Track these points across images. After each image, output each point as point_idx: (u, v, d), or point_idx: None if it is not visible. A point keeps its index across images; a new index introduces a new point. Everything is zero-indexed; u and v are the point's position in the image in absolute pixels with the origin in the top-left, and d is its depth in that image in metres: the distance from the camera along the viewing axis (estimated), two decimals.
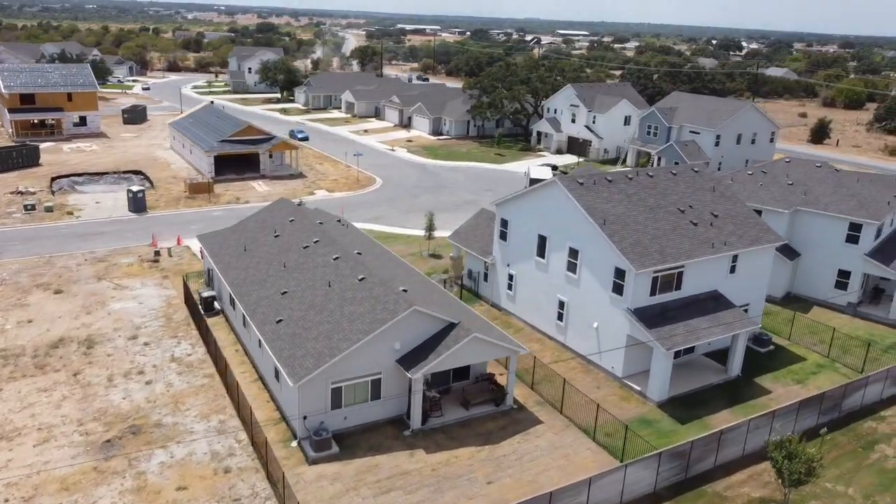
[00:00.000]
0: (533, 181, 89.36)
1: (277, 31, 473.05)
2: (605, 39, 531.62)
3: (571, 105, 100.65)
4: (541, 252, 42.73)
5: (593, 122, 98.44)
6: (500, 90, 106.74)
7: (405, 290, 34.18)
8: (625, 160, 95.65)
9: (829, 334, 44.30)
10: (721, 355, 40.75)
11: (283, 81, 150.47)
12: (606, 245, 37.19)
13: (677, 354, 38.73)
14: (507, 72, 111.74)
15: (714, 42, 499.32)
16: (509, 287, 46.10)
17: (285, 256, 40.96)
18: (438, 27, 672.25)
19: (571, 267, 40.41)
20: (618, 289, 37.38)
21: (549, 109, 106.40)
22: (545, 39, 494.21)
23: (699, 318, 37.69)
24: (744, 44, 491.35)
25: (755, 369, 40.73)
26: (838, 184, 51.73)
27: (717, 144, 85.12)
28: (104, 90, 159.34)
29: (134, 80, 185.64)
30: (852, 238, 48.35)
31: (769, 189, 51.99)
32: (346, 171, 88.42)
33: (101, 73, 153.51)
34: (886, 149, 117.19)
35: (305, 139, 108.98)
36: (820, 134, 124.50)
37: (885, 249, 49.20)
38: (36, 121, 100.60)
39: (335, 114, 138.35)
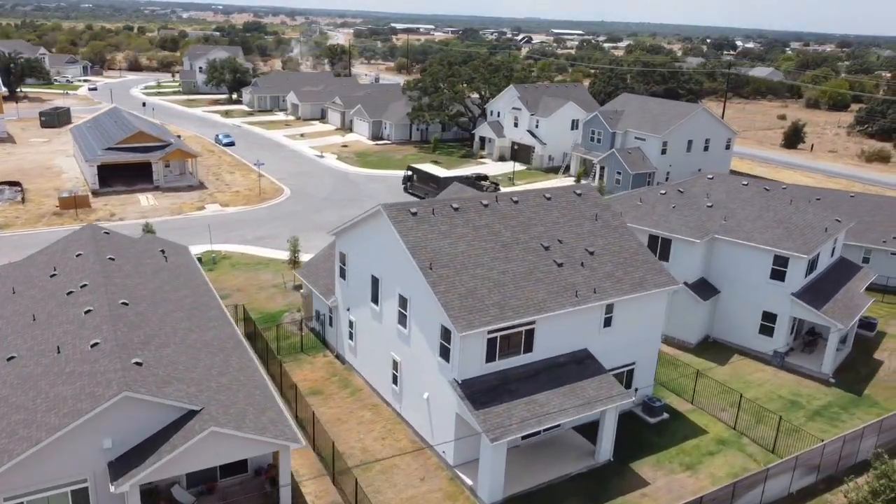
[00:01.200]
0: (407, 178, 76.57)
1: (264, 31, 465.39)
2: (599, 39, 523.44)
3: (514, 108, 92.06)
4: (374, 297, 34.21)
5: (536, 127, 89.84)
6: (442, 91, 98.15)
7: (139, 363, 25.67)
8: (567, 169, 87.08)
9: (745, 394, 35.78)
10: (594, 429, 32.15)
11: (230, 81, 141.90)
12: (431, 296, 28.65)
13: (528, 436, 30.23)
14: (449, 71, 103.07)
15: (709, 41, 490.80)
16: (350, 336, 37.57)
17: (43, 305, 32.44)
18: (433, 26, 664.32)
19: (402, 319, 31.89)
20: (445, 353, 28.85)
21: (492, 112, 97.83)
22: (538, 39, 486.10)
23: (551, 392, 29.12)
24: (739, 43, 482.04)
25: (636, 448, 32.15)
26: (766, 207, 43.12)
27: (663, 152, 76.47)
28: (44, 90, 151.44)
29: (85, 80, 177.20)
30: (778, 274, 39.76)
31: (683, 213, 43.35)
32: (257, 182, 79.93)
33: (37, 74, 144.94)
34: (863, 154, 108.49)
35: (231, 144, 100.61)
36: (793, 138, 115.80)
37: (818, 288, 40.63)
38: None
39: (280, 116, 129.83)
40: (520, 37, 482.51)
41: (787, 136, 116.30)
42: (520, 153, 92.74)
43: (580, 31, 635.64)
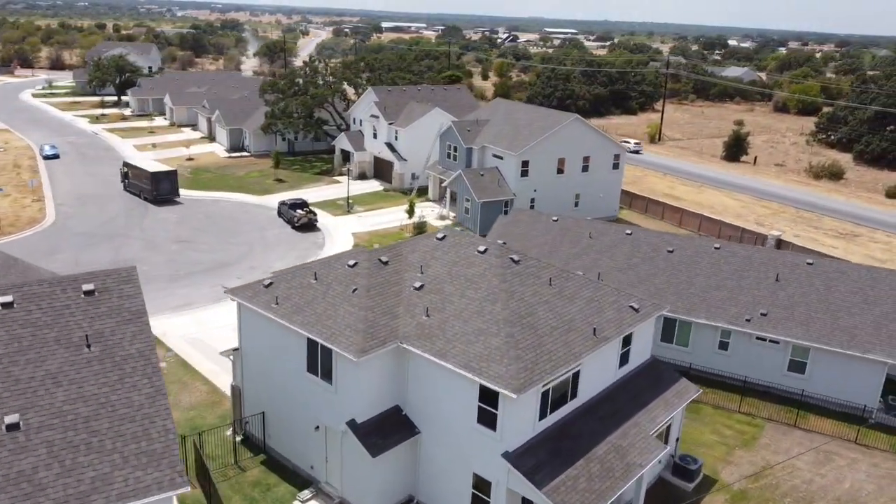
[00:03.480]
0: (124, 176, 70.39)
1: (238, 28, 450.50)
2: (590, 37, 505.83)
3: (372, 115, 75.77)
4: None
5: (395, 139, 73.54)
6: (298, 96, 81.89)
7: None
8: (424, 192, 70.70)
9: None
10: None
11: (113, 82, 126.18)
12: None
13: None
14: (311, 71, 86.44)
15: (701, 40, 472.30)
16: None
17: None
18: (425, 25, 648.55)
19: None
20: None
21: (354, 120, 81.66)
22: (525, 37, 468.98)
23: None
24: (732, 42, 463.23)
25: None
26: (511, 286, 26.67)
27: (523, 174, 60.04)
28: None
29: None
30: (487, 417, 23.38)
31: (366, 300, 26.93)
32: (24, 206, 64.10)
33: None
34: (811, 170, 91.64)
35: (55, 157, 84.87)
36: (735, 149, 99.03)
37: (569, 436, 24.14)
38: None
39: (158, 122, 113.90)
40: (504, 35, 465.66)
41: (728, 146, 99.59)
42: (382, 170, 76.54)
43: (573, 30, 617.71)
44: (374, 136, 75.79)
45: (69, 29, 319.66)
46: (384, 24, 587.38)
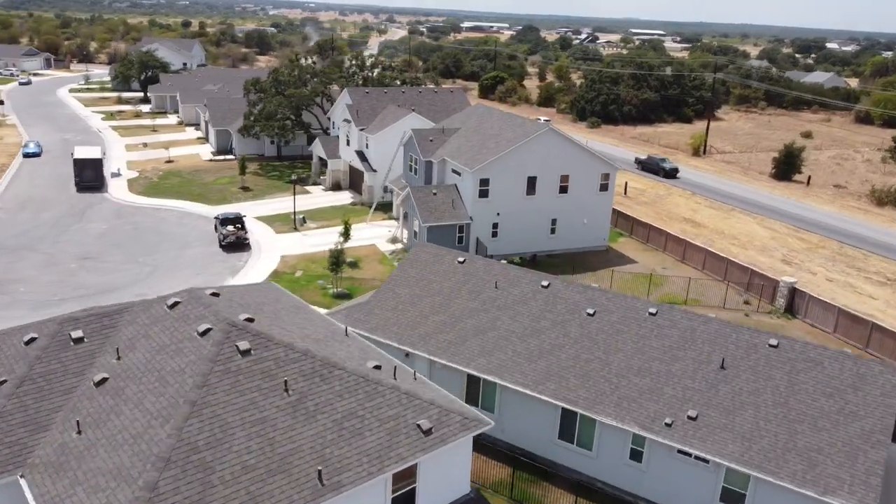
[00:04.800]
0: (80, 163, 67.50)
1: (321, 28, 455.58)
2: (676, 39, 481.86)
3: (345, 120, 67.76)
4: None
5: (366, 147, 65.26)
6: (277, 97, 74.77)
7: None
8: (389, 208, 62.00)
9: None
10: None
11: (137, 78, 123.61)
12: None
13: None
14: (297, 70, 79.10)
15: (796, 42, 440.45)
16: None
17: None
18: (507, 25, 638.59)
19: None
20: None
21: (333, 124, 73.84)
22: (605, 38, 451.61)
23: None
24: (831, 45, 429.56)
25: None
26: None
27: (482, 194, 50.47)
28: None
29: (33, 74, 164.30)
30: None
31: None
32: None
33: None
34: (874, 193, 77.22)
35: (35, 155, 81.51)
36: (786, 167, 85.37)
37: None
38: None
39: (170, 120, 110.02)
40: (584, 36, 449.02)
41: (779, 162, 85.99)
42: (356, 181, 68.47)
43: (660, 32, 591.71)
44: (347, 142, 67.84)
45: (158, 27, 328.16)
46: (465, 24, 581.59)
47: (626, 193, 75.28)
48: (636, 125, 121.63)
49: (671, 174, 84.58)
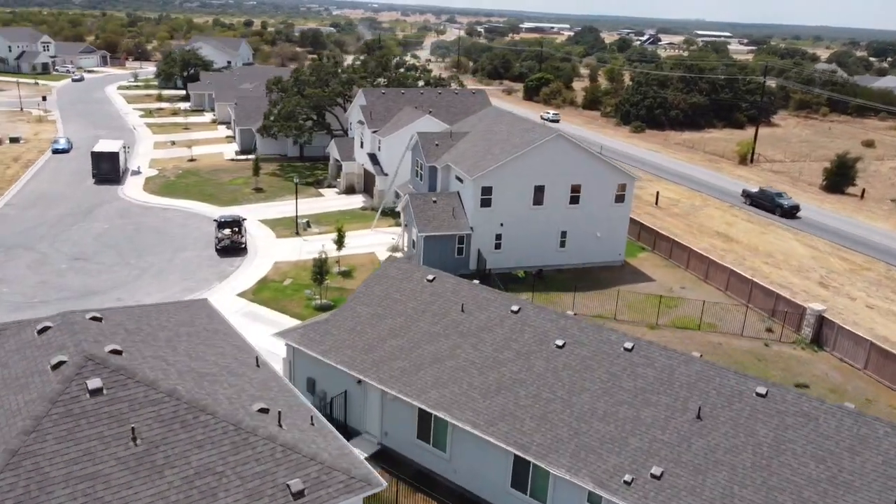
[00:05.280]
0: (97, 156, 69.19)
1: (378, 27, 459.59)
2: (741, 41, 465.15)
3: (358, 121, 65.52)
4: None
5: (378, 149, 62.83)
6: (296, 96, 73.05)
7: None
8: (390, 212, 59.34)
9: None
10: None
11: (179, 75, 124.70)
12: None
13: None
14: (325, 67, 76.93)
15: (873, 45, 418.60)
16: None
17: None
18: (567, 26, 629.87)
19: None
20: None
21: (351, 126, 71.59)
22: (668, 40, 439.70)
23: None
24: None
25: None
26: None
27: (485, 203, 47.31)
28: (21, 79, 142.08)
29: (89, 71, 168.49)
30: None
31: None
32: None
33: None
34: None
35: (63, 151, 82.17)
36: (838, 178, 79.06)
37: None
38: None
39: (206, 117, 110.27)
40: (645, 37, 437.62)
41: (830, 174, 79.76)
42: (370, 184, 66.17)
43: (727, 33, 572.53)
44: (361, 144, 65.59)
45: (220, 26, 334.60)
46: (525, 25, 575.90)
47: (657, 203, 70.81)
48: (683, 130, 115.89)
49: (790, 213, 68.04)
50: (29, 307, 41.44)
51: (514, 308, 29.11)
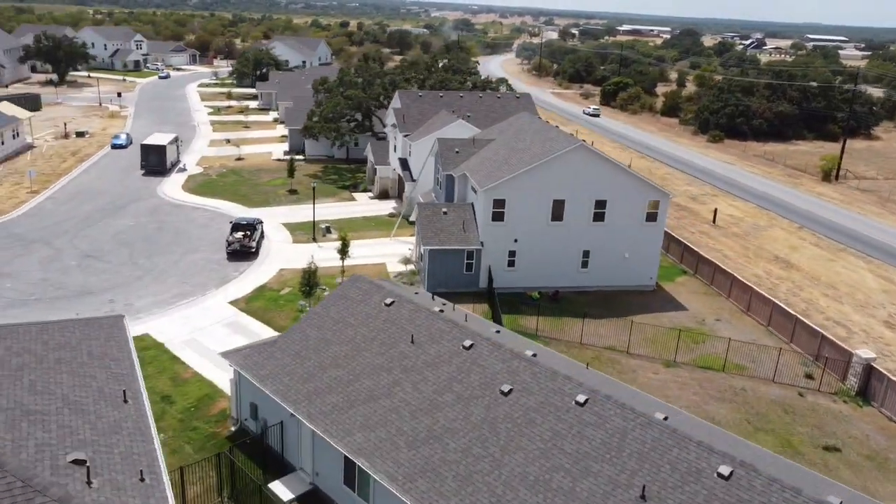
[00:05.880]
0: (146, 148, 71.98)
1: (470, 29, 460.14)
2: (857, 46, 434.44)
3: (392, 124, 63.11)
4: None
5: (409, 154, 60.13)
6: (338, 97, 71.42)
7: None
8: (408, 220, 56.35)
9: None
10: None
11: (250, 75, 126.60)
12: None
13: None
14: (370, 68, 74.99)
15: None
16: None
17: None
18: (668, 28, 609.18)
19: None
20: None
21: (387, 129, 69.14)
22: (773, 44, 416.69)
23: None
24: None
25: None
26: None
27: (497, 217, 43.67)
28: (107, 76, 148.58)
29: (177, 69, 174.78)
30: None
31: None
32: (27, 195, 61.70)
33: (80, 59, 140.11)
34: None
35: (121, 147, 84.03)
36: None
37: None
38: None
39: (270, 116, 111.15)
40: (749, 41, 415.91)
41: None
42: (402, 189, 63.62)
43: (842, 38, 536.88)
44: (395, 148, 63.18)
45: (318, 27, 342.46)
46: (623, 27, 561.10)
47: (714, 221, 64.78)
48: (766, 141, 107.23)
49: None
50: (22, 304, 41.27)
51: (466, 343, 25.60)
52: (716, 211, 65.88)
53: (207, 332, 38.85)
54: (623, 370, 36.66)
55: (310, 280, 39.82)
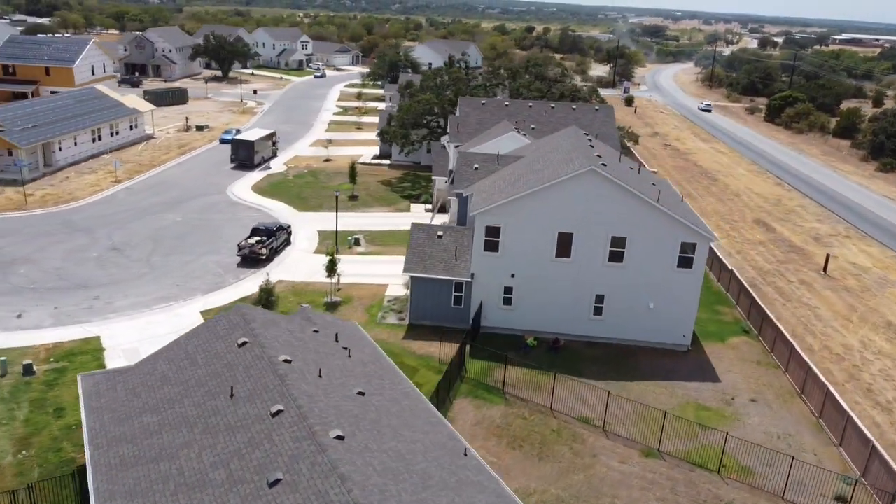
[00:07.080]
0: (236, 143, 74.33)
1: (662, 35, 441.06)
2: None
3: (447, 133, 58.33)
4: None
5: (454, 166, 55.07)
6: (411, 102, 67.86)
7: None
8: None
9: None
10: None
11: (385, 76, 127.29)
12: None
13: None
14: (456, 73, 70.47)
15: None
16: None
17: None
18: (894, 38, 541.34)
19: None
20: None
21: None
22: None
23: None
24: None
25: None
26: None
27: (490, 247, 37.57)
28: (269, 73, 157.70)
29: (339, 69, 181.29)
30: None
31: None
32: (110, 185, 65.25)
33: (240, 57, 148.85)
34: None
35: (229, 142, 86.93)
36: None
37: None
38: (15, 92, 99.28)
39: None
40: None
41: None
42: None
43: None
44: (451, 159, 58.49)
45: (500, 32, 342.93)
46: (841, 36, 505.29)
47: (825, 270, 53.03)
48: None
49: None
50: (18, 293, 42.19)
51: (274, 410, 20.83)
52: (828, 257, 53.91)
53: (160, 341, 36.78)
54: (579, 453, 29.52)
55: (267, 299, 36.65)
